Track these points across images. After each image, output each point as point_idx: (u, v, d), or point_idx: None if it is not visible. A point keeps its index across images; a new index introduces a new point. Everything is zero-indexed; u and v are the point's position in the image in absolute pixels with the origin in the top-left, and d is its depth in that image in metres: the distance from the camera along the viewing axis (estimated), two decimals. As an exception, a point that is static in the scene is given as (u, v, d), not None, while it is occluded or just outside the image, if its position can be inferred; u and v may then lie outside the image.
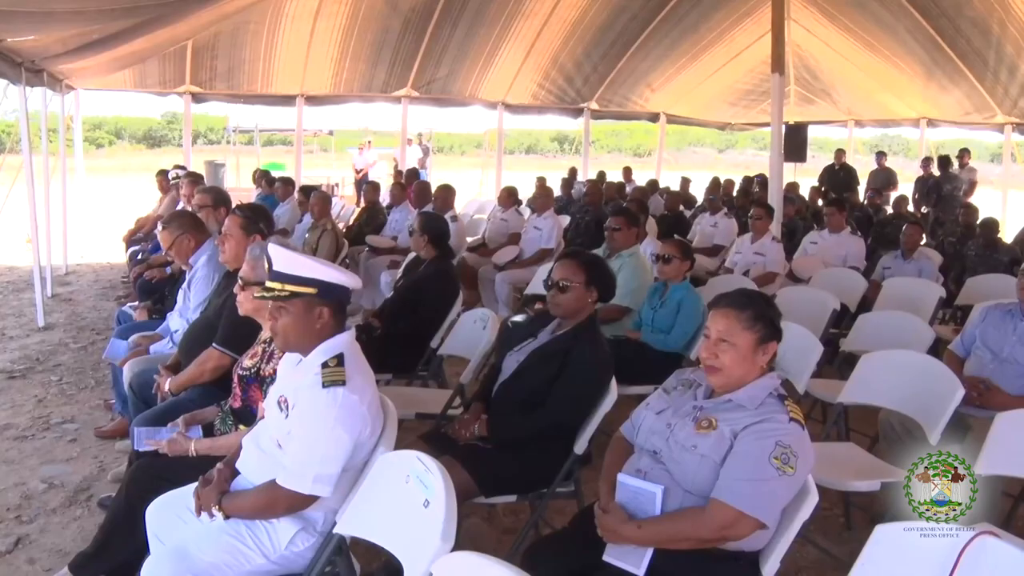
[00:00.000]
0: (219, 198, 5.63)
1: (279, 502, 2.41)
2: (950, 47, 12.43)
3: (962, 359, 4.17)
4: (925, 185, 13.05)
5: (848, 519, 4.01)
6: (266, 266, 2.55)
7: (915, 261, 6.90)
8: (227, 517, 2.45)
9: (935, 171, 13.17)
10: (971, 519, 2.97)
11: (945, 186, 12.65)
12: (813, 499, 2.33)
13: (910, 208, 11.52)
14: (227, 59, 12.16)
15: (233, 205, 5.15)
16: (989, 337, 4.05)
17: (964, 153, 13.66)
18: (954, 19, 11.81)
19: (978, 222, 8.29)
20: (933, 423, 3.36)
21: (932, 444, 3.33)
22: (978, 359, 4.05)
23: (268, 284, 2.51)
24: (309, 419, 2.41)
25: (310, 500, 2.41)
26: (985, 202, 11.02)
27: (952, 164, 12.96)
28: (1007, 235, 8.20)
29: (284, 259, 2.50)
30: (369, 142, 19.47)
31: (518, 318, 4.36)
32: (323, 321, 2.50)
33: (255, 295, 2.83)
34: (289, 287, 2.48)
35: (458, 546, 2.03)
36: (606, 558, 2.35)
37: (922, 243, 7.46)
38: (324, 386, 2.40)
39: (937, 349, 4.53)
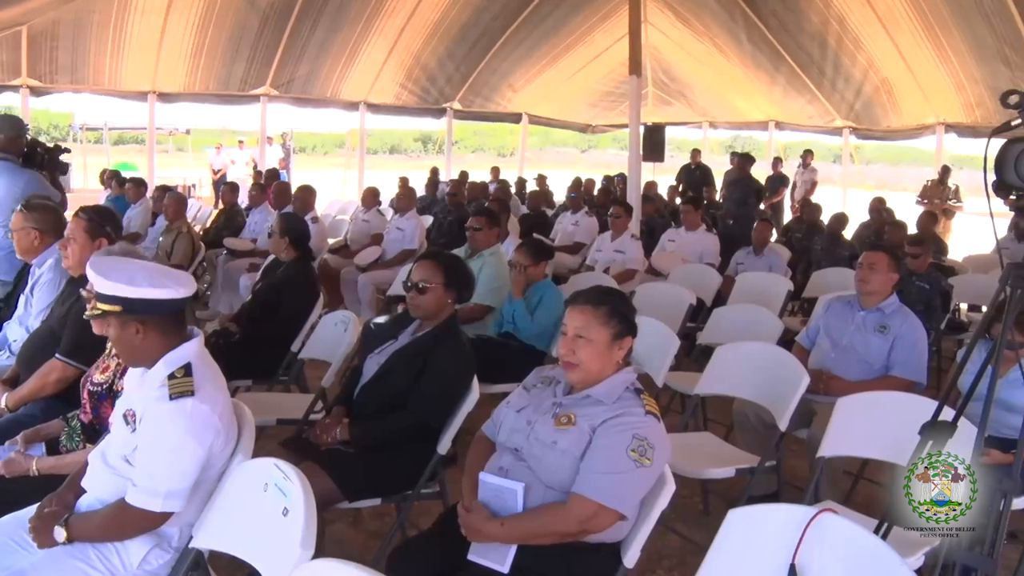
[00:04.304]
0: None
1: (130, 523, 2.29)
2: (791, 58, 13.16)
3: (809, 350, 4.38)
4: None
5: (706, 505, 4.15)
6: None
7: (765, 256, 7.23)
8: (71, 541, 2.30)
9: (783, 170, 13.95)
10: (816, 497, 3.16)
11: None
12: (670, 488, 2.40)
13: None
14: (70, 50, 11.45)
15: (78, 207, 4.86)
16: (831, 327, 4.28)
17: (808, 154, 14.48)
18: (794, 34, 12.53)
19: (830, 217, 8.73)
20: (781, 410, 3.50)
21: (781, 430, 3.49)
22: (821, 348, 4.27)
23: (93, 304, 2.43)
24: (157, 433, 2.28)
25: (163, 518, 2.29)
26: (828, 200, 11.68)
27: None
28: (848, 231, 8.72)
29: (97, 280, 2.37)
30: (241, 142, 18.84)
31: (380, 320, 4.31)
32: (141, 337, 2.36)
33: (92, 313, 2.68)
34: (101, 306, 2.36)
35: (324, 553, 1.99)
36: (471, 557, 2.35)
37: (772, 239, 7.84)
38: (171, 398, 2.28)
39: (786, 339, 4.74)
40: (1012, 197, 2.28)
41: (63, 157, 5.77)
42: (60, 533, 2.30)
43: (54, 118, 31.11)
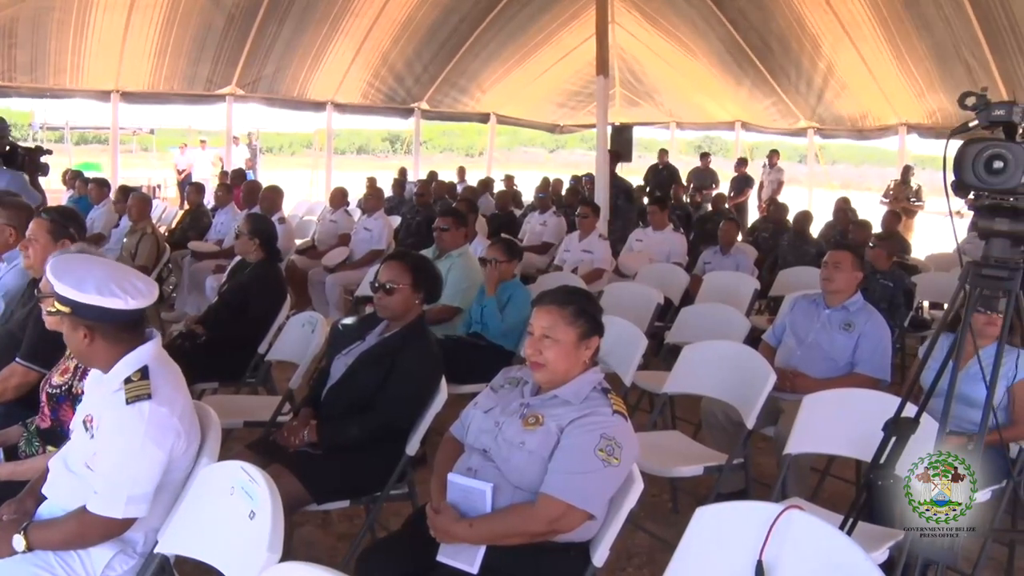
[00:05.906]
0: None
1: (91, 530, 2.24)
2: (759, 59, 13.28)
3: (775, 348, 4.42)
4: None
5: (675, 503, 4.17)
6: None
7: (732, 256, 7.29)
8: (31, 549, 2.25)
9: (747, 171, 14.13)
10: (783, 494, 3.18)
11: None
12: (638, 487, 2.41)
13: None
14: (29, 49, 11.19)
15: (40, 208, 4.78)
16: (797, 325, 4.32)
17: (773, 154, 14.64)
18: (761, 33, 12.63)
19: (795, 214, 8.82)
20: (749, 408, 3.52)
21: (748, 428, 3.51)
22: (787, 346, 4.31)
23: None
24: (116, 439, 2.24)
25: (126, 524, 2.25)
26: (794, 200, 11.81)
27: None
28: (813, 230, 8.82)
29: (50, 278, 2.32)
30: (203, 142, 18.63)
31: (348, 320, 4.29)
32: (88, 342, 2.31)
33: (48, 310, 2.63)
34: (56, 304, 2.31)
35: (293, 555, 1.98)
36: (440, 558, 2.35)
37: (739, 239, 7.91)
38: (128, 402, 2.24)
39: (753, 338, 4.78)
40: (971, 196, 2.32)
41: (43, 159, 5.72)
42: (19, 542, 2.24)
43: (13, 117, 30.41)
